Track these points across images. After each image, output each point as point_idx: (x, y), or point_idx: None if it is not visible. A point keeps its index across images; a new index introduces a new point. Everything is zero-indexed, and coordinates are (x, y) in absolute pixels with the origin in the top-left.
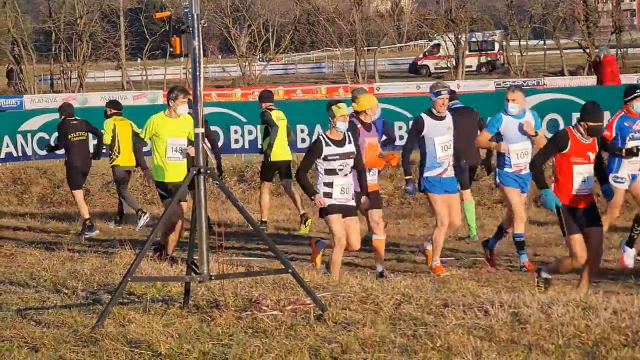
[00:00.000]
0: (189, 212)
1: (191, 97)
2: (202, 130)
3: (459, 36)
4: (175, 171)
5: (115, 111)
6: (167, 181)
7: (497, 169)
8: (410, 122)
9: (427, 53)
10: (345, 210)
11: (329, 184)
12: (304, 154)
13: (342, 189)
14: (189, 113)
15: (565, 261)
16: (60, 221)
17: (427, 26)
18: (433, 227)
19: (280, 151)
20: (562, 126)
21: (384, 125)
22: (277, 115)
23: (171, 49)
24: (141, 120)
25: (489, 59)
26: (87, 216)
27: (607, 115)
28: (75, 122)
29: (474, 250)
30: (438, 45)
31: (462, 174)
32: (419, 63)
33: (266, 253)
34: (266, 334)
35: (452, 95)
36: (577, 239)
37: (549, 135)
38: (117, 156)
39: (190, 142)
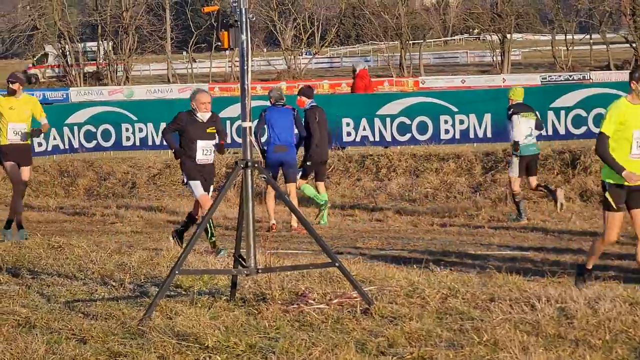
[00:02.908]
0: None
1: None
2: (250, 124)
3: (504, 30)
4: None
5: None
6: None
7: None
8: (456, 117)
9: (35, 63)
10: None
11: None
12: None
13: None
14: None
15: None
16: (107, 214)
17: (472, 20)
18: None
19: None
20: None
21: (295, 120)
22: None
23: (218, 43)
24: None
25: (94, 69)
26: None
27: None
28: None
29: None
30: (47, 54)
31: (316, 168)
32: (29, 72)
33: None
34: (313, 328)
35: (309, 93)
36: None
37: (595, 130)
38: None
39: None
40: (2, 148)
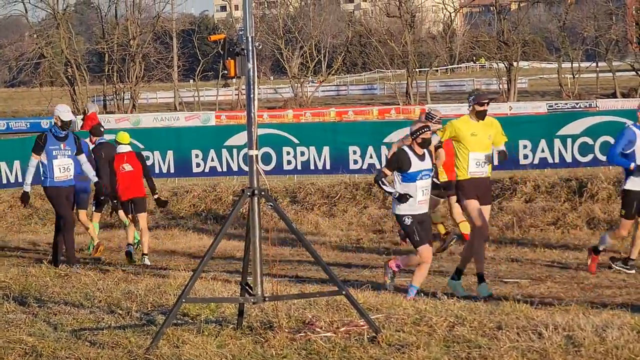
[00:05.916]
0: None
1: None
2: (256, 151)
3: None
4: None
5: None
6: None
7: None
8: None
9: None
10: None
11: None
12: None
13: None
14: None
15: None
16: (114, 242)
17: (479, 48)
18: None
19: None
20: None
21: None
22: None
23: (225, 71)
24: (195, 140)
25: None
26: None
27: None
28: None
29: None
30: None
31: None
32: None
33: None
34: (320, 356)
35: (98, 131)
36: None
37: (602, 158)
38: None
39: None
40: (462, 184)
